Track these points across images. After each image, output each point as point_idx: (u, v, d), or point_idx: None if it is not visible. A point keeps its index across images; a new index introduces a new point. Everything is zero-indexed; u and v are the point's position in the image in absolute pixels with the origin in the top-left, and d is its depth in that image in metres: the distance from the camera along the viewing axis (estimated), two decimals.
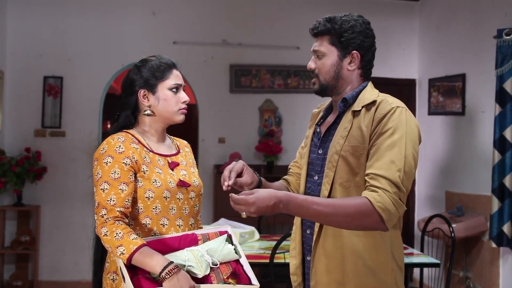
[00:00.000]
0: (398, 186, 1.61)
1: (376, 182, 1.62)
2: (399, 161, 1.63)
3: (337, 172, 1.73)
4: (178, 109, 1.93)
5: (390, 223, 1.62)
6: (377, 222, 1.60)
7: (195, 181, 1.97)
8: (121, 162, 1.80)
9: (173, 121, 1.95)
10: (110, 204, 1.75)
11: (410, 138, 1.68)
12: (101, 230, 1.74)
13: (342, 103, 1.81)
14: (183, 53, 5.39)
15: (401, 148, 1.65)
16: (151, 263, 1.66)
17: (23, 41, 5.25)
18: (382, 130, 1.67)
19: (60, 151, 5.26)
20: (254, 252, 3.43)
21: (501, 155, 4.00)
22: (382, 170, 1.62)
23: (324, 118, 1.91)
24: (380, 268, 1.72)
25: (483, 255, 4.40)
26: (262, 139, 5.49)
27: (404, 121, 1.68)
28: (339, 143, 1.74)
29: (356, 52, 1.79)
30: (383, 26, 5.60)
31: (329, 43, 1.79)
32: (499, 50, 4.03)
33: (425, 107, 5.44)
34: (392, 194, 1.60)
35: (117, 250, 1.69)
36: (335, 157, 1.74)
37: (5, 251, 5.01)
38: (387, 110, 1.69)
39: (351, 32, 1.77)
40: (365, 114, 1.73)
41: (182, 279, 1.64)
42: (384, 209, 1.59)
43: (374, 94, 1.78)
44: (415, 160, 1.69)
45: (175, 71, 1.96)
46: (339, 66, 1.79)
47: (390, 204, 1.60)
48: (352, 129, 1.74)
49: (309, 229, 1.84)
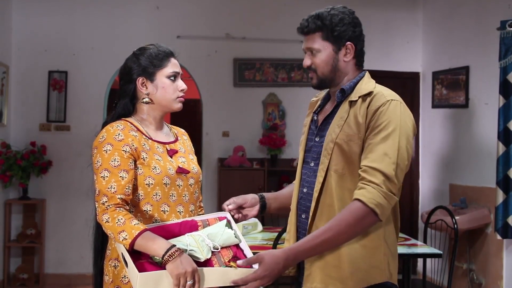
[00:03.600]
0: (390, 178, 1.66)
1: (367, 175, 1.67)
2: (392, 154, 1.68)
3: (332, 159, 1.77)
4: (176, 97, 1.95)
5: (384, 216, 1.68)
6: (374, 218, 1.67)
7: (194, 168, 1.98)
8: (121, 149, 1.81)
9: (171, 109, 1.96)
10: (111, 191, 1.77)
11: (404, 131, 1.71)
12: (102, 217, 1.75)
13: (340, 93, 1.85)
14: (187, 47, 5.40)
15: (395, 141, 1.69)
16: (153, 246, 1.68)
17: (28, 36, 5.28)
18: (376, 123, 1.71)
19: (65, 145, 5.29)
20: (257, 243, 3.45)
21: (506, 147, 3.99)
22: (375, 162, 1.67)
23: (322, 107, 1.94)
24: (372, 253, 1.75)
25: (486, 248, 4.40)
26: (265, 132, 5.50)
27: (398, 114, 1.72)
28: (335, 132, 1.78)
29: (350, 43, 1.82)
30: (387, 19, 5.60)
31: (322, 39, 1.83)
32: (503, 42, 4.02)
33: (429, 100, 5.43)
34: (383, 187, 1.65)
35: (119, 235, 1.70)
36: (331, 145, 1.78)
37: (11, 244, 5.05)
38: (382, 103, 1.73)
39: (341, 25, 1.81)
40: (361, 105, 1.77)
41: (185, 262, 1.66)
42: (376, 204, 1.65)
43: (371, 85, 1.82)
44: (408, 153, 1.72)
45: (173, 60, 1.98)
46: (335, 59, 1.83)
47: (380, 198, 1.65)
48: (348, 119, 1.77)
49: (304, 213, 1.87)
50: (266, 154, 5.46)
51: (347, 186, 1.75)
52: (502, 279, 4.23)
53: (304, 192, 1.88)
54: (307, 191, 1.86)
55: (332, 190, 1.76)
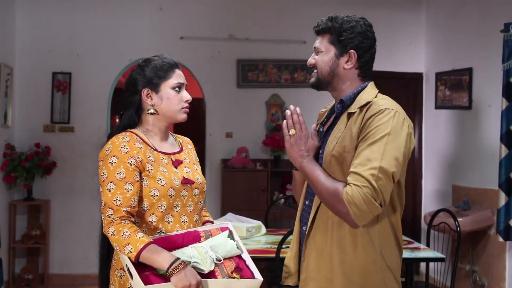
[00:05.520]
0: (370, 183, 1.62)
1: (350, 178, 1.66)
2: (375, 159, 1.64)
3: (330, 171, 1.77)
4: (180, 108, 1.97)
5: (359, 220, 1.65)
6: (345, 214, 1.66)
7: (198, 179, 2.00)
8: (126, 162, 1.83)
9: (176, 120, 1.98)
10: (116, 204, 1.79)
11: (393, 138, 1.67)
12: (108, 229, 1.78)
13: (339, 104, 1.85)
14: (190, 48, 5.42)
15: (380, 147, 1.66)
16: (158, 259, 1.70)
17: (32, 37, 5.30)
18: (366, 131, 1.70)
19: (69, 146, 5.32)
20: (261, 247, 3.45)
21: (508, 150, 3.99)
22: (357, 167, 1.66)
23: (328, 118, 1.95)
24: (367, 267, 1.74)
25: (489, 249, 4.41)
26: (269, 133, 5.51)
27: (390, 122, 1.69)
28: (332, 144, 1.79)
29: (353, 52, 1.82)
30: (390, 20, 5.59)
31: (328, 41, 1.84)
32: (506, 44, 4.02)
33: (432, 101, 5.43)
34: (364, 191, 1.62)
35: (125, 248, 1.73)
36: (328, 157, 1.79)
37: (16, 245, 5.08)
38: (375, 112, 1.72)
39: (350, 32, 1.81)
40: (358, 116, 1.77)
41: (189, 274, 1.68)
42: (351, 202, 1.63)
43: (371, 95, 1.81)
44: (397, 160, 1.67)
45: (178, 71, 1.99)
46: (334, 64, 1.83)
47: (359, 200, 1.62)
48: (345, 131, 1.78)
49: (304, 225, 1.89)
50: (269, 155, 5.47)
51: None
52: (505, 281, 4.24)
53: (306, 204, 1.90)
54: (309, 203, 1.88)
55: None
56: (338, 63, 1.83)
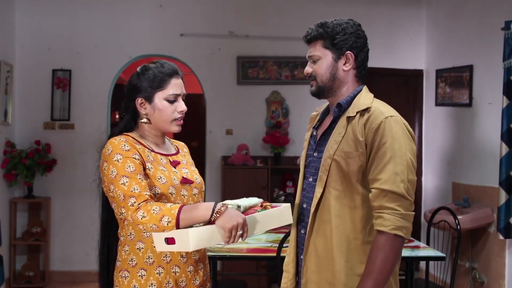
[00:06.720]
0: (404, 197, 1.68)
1: (381, 200, 1.68)
2: (401, 172, 1.69)
3: (330, 175, 1.78)
4: (172, 119, 1.94)
5: (408, 234, 1.71)
6: (401, 240, 1.70)
7: (197, 179, 2.01)
8: (131, 157, 1.83)
9: (168, 131, 1.97)
10: (136, 192, 1.76)
11: (408, 147, 1.73)
12: (137, 215, 1.72)
13: (336, 108, 1.85)
14: (190, 45, 5.41)
15: (402, 159, 1.70)
16: (198, 213, 1.70)
17: (32, 34, 5.29)
18: (380, 142, 1.71)
19: (69, 144, 5.32)
20: (261, 245, 3.46)
21: (509, 148, 3.99)
22: (387, 184, 1.68)
23: (321, 121, 1.95)
24: None
25: (489, 247, 4.42)
26: (269, 130, 5.51)
27: (400, 131, 1.73)
28: (333, 148, 1.79)
29: (349, 53, 1.83)
30: (391, 16, 5.58)
31: (323, 47, 1.84)
32: (507, 42, 4.01)
33: (432, 98, 5.43)
34: (398, 209, 1.67)
35: (161, 222, 1.69)
36: (328, 161, 1.79)
37: (17, 242, 5.09)
38: (380, 120, 1.73)
39: (343, 34, 1.82)
40: (359, 120, 1.77)
41: (234, 213, 1.70)
42: (397, 228, 1.67)
43: (369, 100, 1.82)
44: (414, 167, 1.74)
45: (175, 80, 1.94)
46: (334, 67, 1.84)
47: (399, 220, 1.67)
48: (346, 135, 1.78)
49: (303, 228, 1.90)
50: (269, 152, 5.47)
51: (346, 203, 1.76)
52: (505, 278, 4.25)
53: (304, 207, 1.91)
54: (306, 206, 1.89)
55: (330, 206, 1.78)
56: (337, 67, 1.84)
